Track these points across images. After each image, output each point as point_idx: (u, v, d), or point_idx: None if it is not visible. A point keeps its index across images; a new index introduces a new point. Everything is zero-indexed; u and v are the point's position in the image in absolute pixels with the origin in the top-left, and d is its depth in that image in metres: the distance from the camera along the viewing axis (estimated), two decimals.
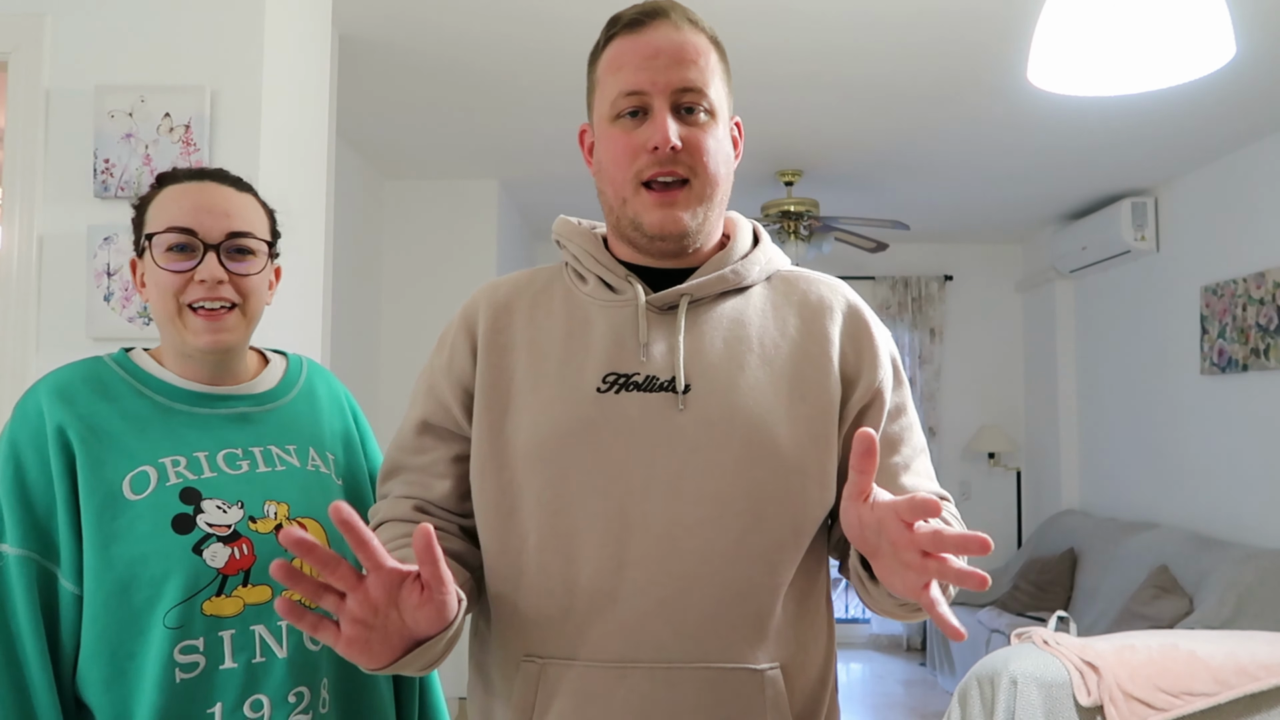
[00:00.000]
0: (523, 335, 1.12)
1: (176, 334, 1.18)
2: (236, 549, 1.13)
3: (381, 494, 1.18)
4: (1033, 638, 2.60)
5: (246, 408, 1.23)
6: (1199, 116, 3.70)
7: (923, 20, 2.86)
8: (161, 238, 1.16)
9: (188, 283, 1.16)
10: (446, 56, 3.18)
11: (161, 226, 1.17)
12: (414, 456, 1.15)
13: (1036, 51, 1.34)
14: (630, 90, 1.06)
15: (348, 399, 1.39)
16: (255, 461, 1.20)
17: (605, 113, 1.09)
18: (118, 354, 1.23)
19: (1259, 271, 3.96)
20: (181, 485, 1.13)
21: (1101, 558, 4.66)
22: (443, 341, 1.18)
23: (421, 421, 1.15)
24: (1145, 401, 4.89)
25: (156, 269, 1.17)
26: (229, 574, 1.12)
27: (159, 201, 1.20)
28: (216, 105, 2.19)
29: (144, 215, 1.21)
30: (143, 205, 1.22)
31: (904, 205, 5.22)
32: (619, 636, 1.01)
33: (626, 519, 1.02)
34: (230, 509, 1.15)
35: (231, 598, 1.12)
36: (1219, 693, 2.38)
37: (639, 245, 1.11)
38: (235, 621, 1.12)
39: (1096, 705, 2.38)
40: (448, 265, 4.80)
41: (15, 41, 2.21)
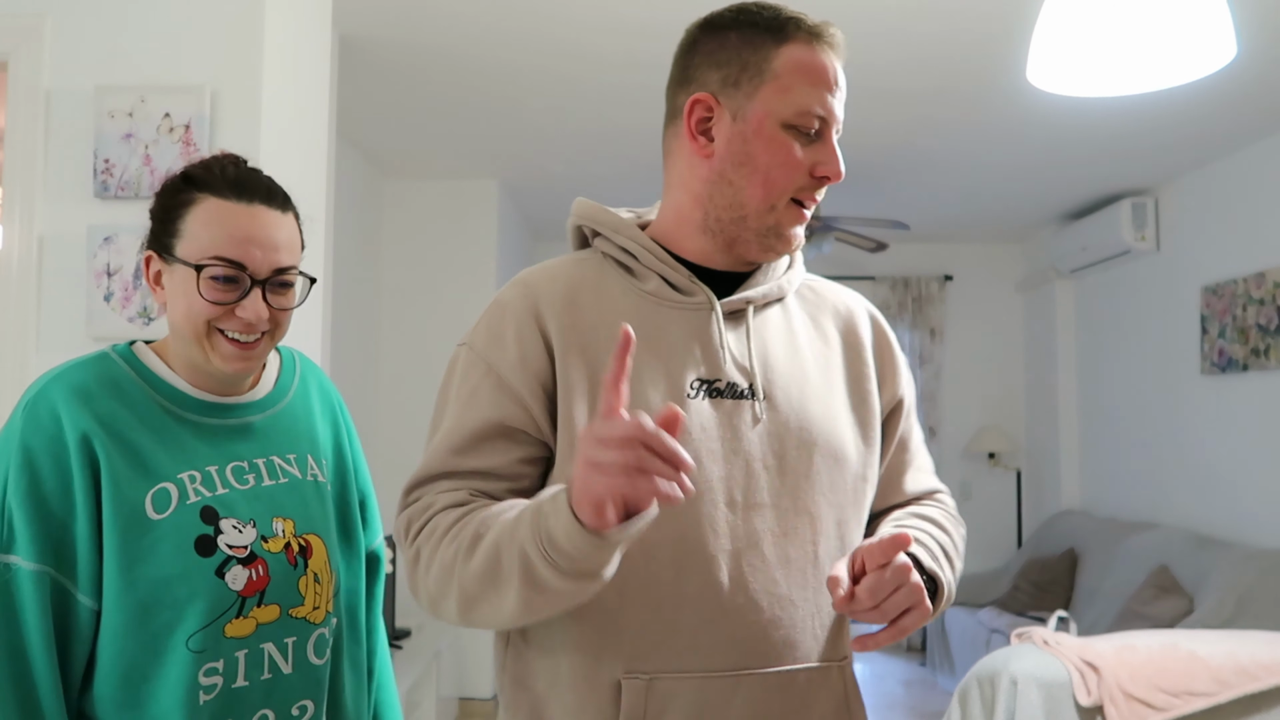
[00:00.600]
0: (600, 331, 1.05)
1: (201, 353, 1.14)
2: (253, 570, 1.13)
3: (411, 500, 1.07)
4: (1033, 638, 2.60)
5: (250, 417, 1.21)
6: (1199, 116, 3.70)
7: (922, 20, 2.86)
8: (210, 268, 1.11)
9: (226, 313, 1.12)
10: (446, 56, 3.18)
11: (208, 254, 1.11)
12: (469, 460, 1.03)
13: (1036, 52, 1.34)
14: (820, 113, 1.05)
15: (336, 396, 1.37)
16: (260, 474, 1.19)
17: (782, 115, 1.04)
18: (123, 349, 1.18)
19: (1259, 271, 3.96)
20: (201, 504, 1.12)
21: (1101, 558, 4.66)
22: (498, 336, 1.06)
23: (495, 423, 1.03)
24: (1145, 401, 4.89)
25: (195, 295, 1.12)
26: (247, 596, 1.12)
27: (201, 216, 1.13)
28: (216, 105, 2.19)
29: (177, 221, 1.14)
30: (175, 206, 1.15)
31: (904, 205, 5.22)
32: (732, 647, 1.01)
33: (735, 529, 1.02)
34: (245, 528, 1.14)
35: (248, 619, 1.12)
36: (1219, 693, 2.38)
37: (742, 250, 1.09)
38: (249, 641, 1.12)
39: (1096, 705, 2.38)
40: (448, 265, 4.80)
41: (15, 41, 2.21)
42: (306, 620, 1.18)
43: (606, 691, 1.00)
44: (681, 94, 1.09)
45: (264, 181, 1.18)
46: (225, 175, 1.15)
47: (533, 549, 0.88)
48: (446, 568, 0.97)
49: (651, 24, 2.90)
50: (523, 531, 0.90)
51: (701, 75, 1.07)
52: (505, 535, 0.92)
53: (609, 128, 3.91)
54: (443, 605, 1.00)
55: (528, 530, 0.89)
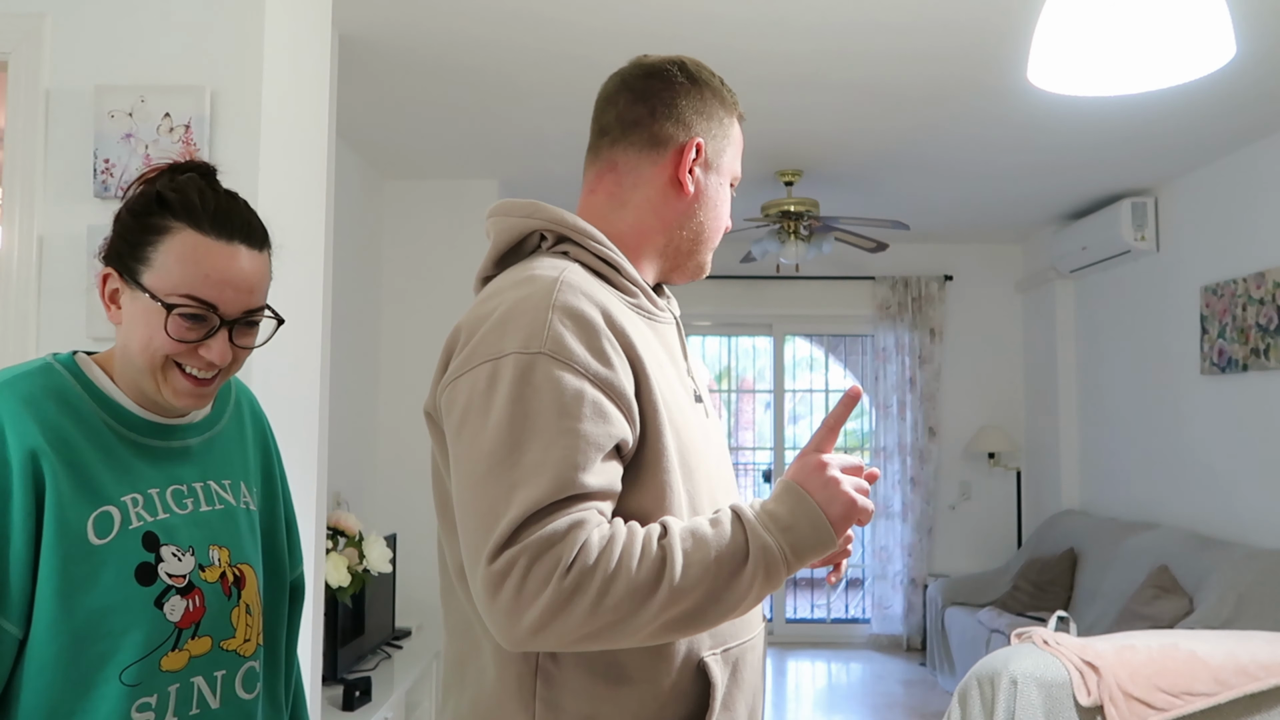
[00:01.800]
0: (638, 342, 1.07)
1: (153, 384, 1.08)
2: (190, 601, 1.08)
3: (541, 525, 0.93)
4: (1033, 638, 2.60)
5: (190, 440, 1.16)
6: (1199, 116, 3.70)
7: (923, 20, 2.86)
8: (181, 308, 1.05)
9: (188, 351, 1.07)
10: (446, 56, 3.18)
11: (179, 291, 1.05)
12: (596, 478, 0.97)
13: (1036, 51, 1.34)
14: (740, 178, 1.29)
15: (266, 421, 1.32)
16: (199, 499, 1.13)
17: (734, 174, 1.25)
18: (66, 359, 1.11)
19: (1259, 271, 3.96)
20: (143, 529, 1.06)
21: (1101, 558, 4.66)
22: (599, 351, 1.01)
23: (617, 440, 1.00)
24: (1145, 401, 4.89)
25: (159, 329, 1.05)
26: (183, 628, 1.07)
27: (176, 249, 1.06)
28: (216, 105, 2.19)
29: (147, 248, 1.06)
30: (148, 230, 1.07)
31: (904, 205, 5.22)
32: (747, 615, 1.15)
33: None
34: (184, 556, 1.09)
35: (182, 651, 1.07)
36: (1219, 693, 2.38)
37: (677, 275, 1.26)
38: (180, 675, 1.07)
39: (1096, 705, 2.38)
40: (448, 265, 4.80)
41: (15, 41, 2.21)
42: (236, 653, 1.13)
43: (693, 670, 1.08)
44: (675, 131, 1.18)
45: (244, 215, 1.12)
46: (206, 206, 1.08)
47: (778, 554, 0.99)
48: (641, 588, 0.94)
49: (651, 25, 2.90)
50: (759, 542, 0.99)
51: (693, 121, 1.19)
52: (728, 551, 0.98)
53: None
54: (621, 628, 0.94)
55: (767, 539, 0.99)
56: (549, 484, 0.94)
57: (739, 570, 0.97)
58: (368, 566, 3.54)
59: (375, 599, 3.83)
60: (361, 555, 3.53)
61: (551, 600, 0.91)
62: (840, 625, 6.50)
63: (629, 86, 1.20)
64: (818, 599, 6.86)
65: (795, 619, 6.58)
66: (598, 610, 0.92)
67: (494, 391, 0.98)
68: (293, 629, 1.32)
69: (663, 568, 0.95)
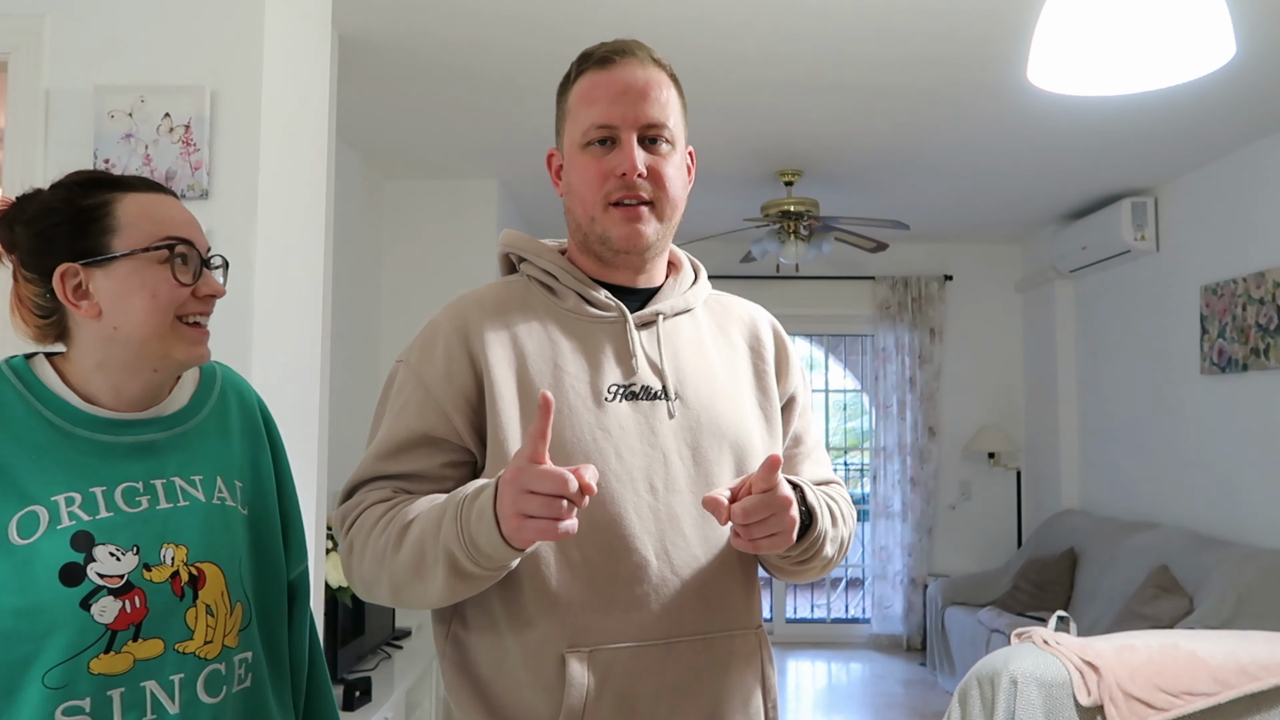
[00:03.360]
0: (526, 346, 1.20)
1: (164, 350, 1.10)
2: (128, 602, 1.05)
3: (353, 504, 1.20)
4: (1033, 637, 2.60)
5: (154, 434, 1.13)
6: (1199, 116, 3.70)
7: (923, 20, 2.86)
8: (178, 247, 1.10)
9: (189, 296, 1.11)
10: (446, 56, 3.18)
11: (160, 237, 1.10)
12: (395, 465, 1.19)
13: (1036, 51, 1.34)
14: (601, 123, 1.19)
15: (263, 411, 1.29)
16: (156, 497, 1.11)
17: (577, 140, 1.21)
18: (17, 361, 1.10)
19: (1259, 271, 3.96)
20: (74, 529, 1.04)
21: (1101, 558, 4.66)
22: (429, 353, 1.22)
23: (420, 433, 1.18)
24: (1145, 401, 4.89)
25: (162, 281, 1.09)
26: (119, 629, 1.03)
27: (134, 208, 1.10)
28: (216, 105, 2.19)
29: (105, 219, 1.09)
30: (95, 209, 1.09)
31: (904, 205, 5.22)
32: (662, 616, 1.15)
33: (658, 513, 1.17)
34: (125, 555, 1.06)
35: (121, 654, 1.04)
36: (1219, 692, 2.38)
37: (605, 259, 1.24)
38: (125, 679, 1.04)
39: (1096, 705, 2.38)
40: (448, 265, 4.79)
41: (15, 41, 2.21)
42: (196, 656, 1.10)
43: (552, 665, 1.13)
44: (556, 143, 1.29)
45: (156, 181, 1.19)
46: (133, 178, 1.14)
47: (458, 549, 1.04)
48: (378, 557, 1.13)
49: (650, 24, 2.90)
50: (446, 530, 1.06)
51: (558, 130, 1.29)
52: (430, 532, 1.08)
53: None
54: (375, 589, 1.16)
55: (451, 530, 1.05)
56: (360, 467, 1.22)
57: (423, 557, 1.08)
58: None
59: None
60: None
61: (343, 558, 1.19)
62: (840, 625, 6.50)
63: None
64: (818, 599, 6.86)
65: (795, 619, 6.58)
66: (361, 570, 1.15)
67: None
68: (296, 629, 1.29)
69: (385, 544, 1.12)
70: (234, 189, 2.18)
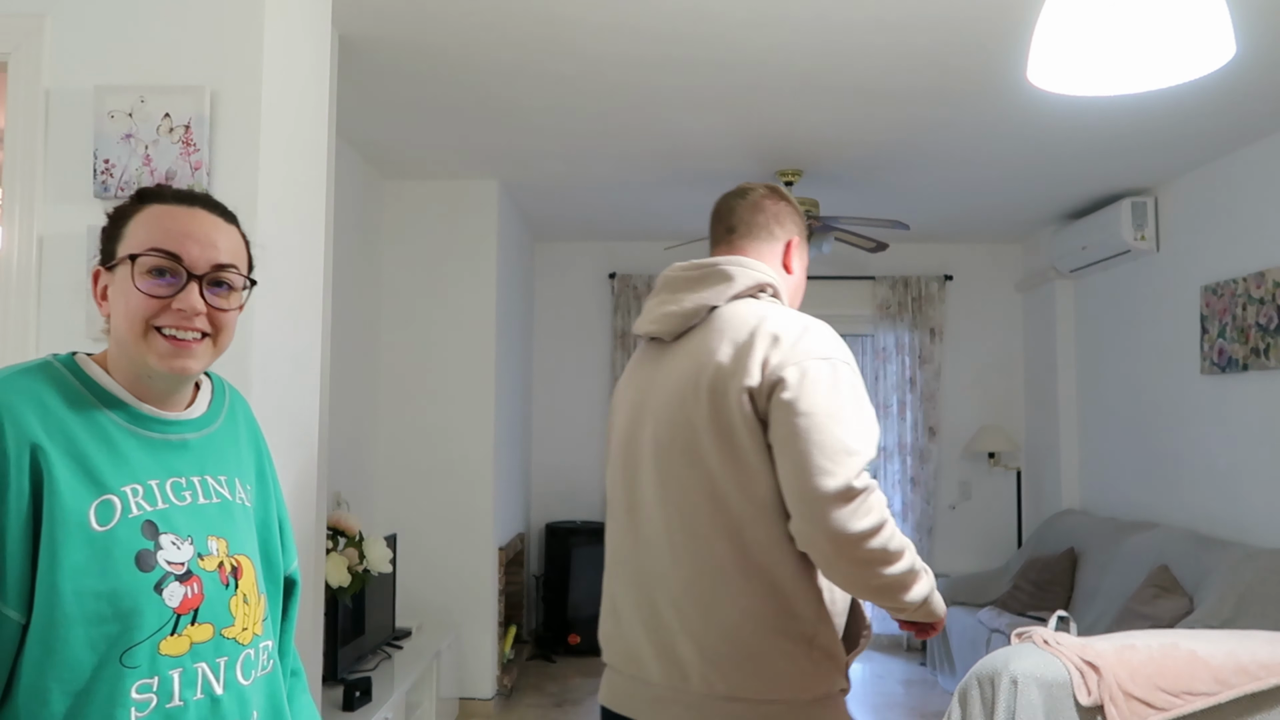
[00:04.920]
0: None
1: (139, 354, 1.14)
2: (189, 588, 1.12)
3: (870, 482, 1.43)
4: (1033, 637, 2.60)
5: (188, 434, 1.20)
6: (1199, 116, 3.70)
7: (922, 20, 2.86)
8: (145, 259, 1.12)
9: (163, 309, 1.13)
10: (446, 56, 3.18)
11: (144, 247, 1.13)
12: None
13: (1036, 51, 1.34)
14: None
15: (257, 426, 1.37)
16: (196, 492, 1.17)
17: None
18: (65, 358, 1.16)
19: (1259, 271, 3.96)
20: (143, 518, 1.10)
21: (1101, 557, 4.66)
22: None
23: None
24: (1145, 401, 4.89)
25: (132, 289, 1.12)
26: (181, 614, 1.10)
27: (142, 219, 1.15)
28: (216, 105, 2.19)
29: (121, 229, 1.16)
30: (120, 218, 1.17)
31: (904, 205, 5.22)
32: None
33: None
34: (183, 545, 1.12)
35: (182, 637, 1.11)
36: (1219, 692, 2.38)
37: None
38: (183, 660, 1.11)
39: (1097, 705, 2.38)
40: (448, 265, 4.79)
41: (15, 41, 2.21)
42: (236, 641, 1.18)
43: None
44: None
45: (209, 196, 1.22)
46: (175, 192, 1.19)
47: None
48: (903, 543, 1.45)
49: (649, 24, 2.90)
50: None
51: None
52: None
53: (609, 127, 3.91)
54: (897, 560, 1.42)
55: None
56: (867, 453, 1.46)
57: (921, 579, 1.55)
58: (368, 567, 3.53)
59: (375, 599, 3.83)
60: (361, 555, 3.53)
61: (874, 517, 1.44)
62: None
63: None
64: None
65: None
66: (893, 539, 1.48)
67: (829, 377, 1.47)
68: (288, 622, 1.38)
69: (908, 546, 1.55)
70: (234, 189, 2.18)
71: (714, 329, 1.55)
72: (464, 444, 4.73)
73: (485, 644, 4.70)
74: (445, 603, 4.70)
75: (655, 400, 1.59)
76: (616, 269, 6.33)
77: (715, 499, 1.47)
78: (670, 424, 1.53)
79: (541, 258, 6.36)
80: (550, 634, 5.86)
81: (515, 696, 5.03)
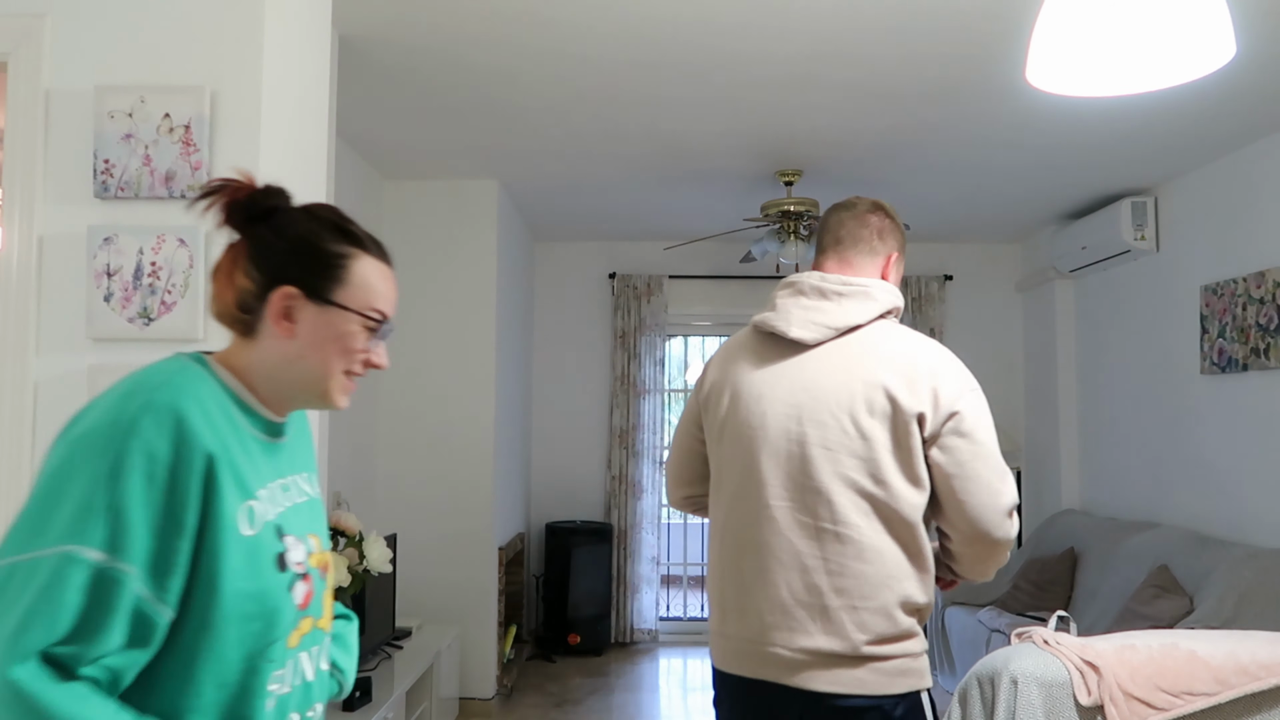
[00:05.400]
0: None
1: (321, 384, 1.20)
2: (307, 585, 1.19)
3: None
4: (1033, 637, 2.60)
5: (283, 436, 1.25)
6: (1199, 116, 3.70)
7: (922, 20, 2.86)
8: (369, 320, 1.20)
9: (363, 356, 1.22)
10: (446, 57, 3.18)
11: (369, 307, 1.20)
12: None
13: (1036, 52, 1.34)
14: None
15: (305, 417, 1.40)
16: (293, 492, 1.23)
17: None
18: (201, 360, 1.18)
19: (1259, 271, 3.96)
20: (274, 521, 1.15)
21: (1101, 557, 4.66)
22: None
23: None
24: (1145, 401, 4.89)
25: (350, 340, 1.19)
26: (301, 609, 1.17)
27: (365, 274, 1.20)
28: (216, 105, 2.19)
29: (339, 272, 1.19)
30: (338, 260, 1.19)
31: (904, 205, 5.22)
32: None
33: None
34: (299, 545, 1.19)
35: (298, 630, 1.19)
36: (1219, 692, 2.38)
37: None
38: (294, 652, 1.19)
39: (1097, 705, 2.38)
40: (448, 266, 4.79)
41: (15, 41, 2.21)
42: (321, 630, 1.26)
43: None
44: None
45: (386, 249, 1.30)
46: (371, 239, 1.24)
47: None
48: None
49: (651, 24, 2.90)
50: None
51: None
52: None
53: (609, 128, 3.91)
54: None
55: None
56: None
57: None
58: (368, 566, 3.53)
59: (375, 599, 3.83)
60: (361, 555, 3.53)
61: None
62: None
63: None
64: None
65: None
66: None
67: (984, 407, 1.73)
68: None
69: None
70: None
71: (870, 346, 1.74)
72: (464, 444, 4.73)
73: (485, 644, 4.70)
74: (445, 603, 4.70)
75: (807, 400, 1.74)
76: (616, 269, 6.33)
77: (878, 501, 1.70)
78: (830, 427, 1.71)
79: (541, 258, 6.35)
80: (550, 634, 5.86)
81: (515, 696, 5.03)
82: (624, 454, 6.23)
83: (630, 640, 6.18)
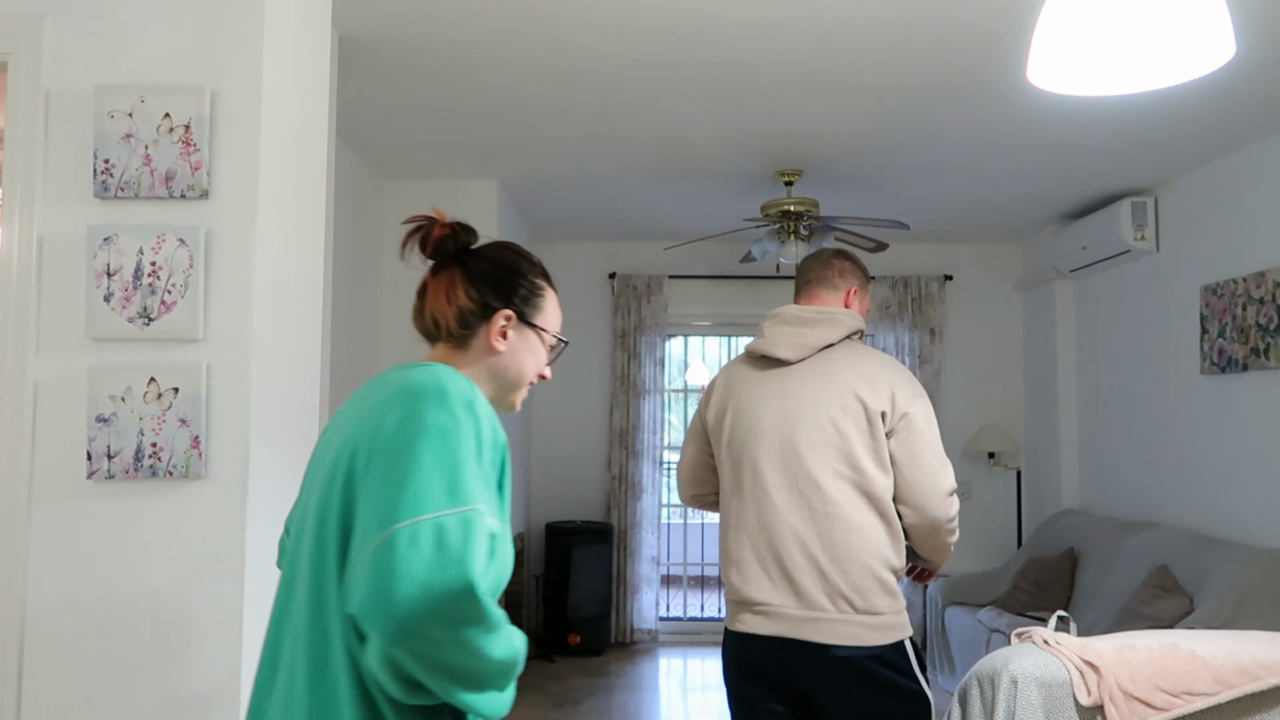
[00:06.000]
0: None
1: (511, 392, 1.48)
2: None
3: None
4: (1033, 637, 2.60)
5: None
6: (1199, 116, 3.70)
7: (922, 20, 2.86)
8: (561, 345, 1.52)
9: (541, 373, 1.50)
10: (446, 56, 3.18)
11: (557, 331, 1.51)
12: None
13: (1036, 51, 1.34)
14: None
15: None
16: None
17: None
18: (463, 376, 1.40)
19: (1259, 271, 3.96)
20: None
21: (1101, 558, 4.66)
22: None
23: None
24: (1145, 401, 4.89)
25: (542, 358, 1.49)
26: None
27: (554, 304, 1.52)
28: (216, 105, 2.19)
29: (540, 301, 1.48)
30: (540, 291, 1.49)
31: (904, 205, 5.22)
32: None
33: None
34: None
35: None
36: (1219, 692, 2.38)
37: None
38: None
39: (1097, 705, 2.38)
40: None
41: (15, 41, 2.21)
42: None
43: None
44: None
45: None
46: (547, 273, 1.54)
47: None
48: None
49: (652, 24, 2.90)
50: None
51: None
52: None
53: (609, 128, 3.91)
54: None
55: None
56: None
57: None
58: None
59: None
60: None
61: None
62: None
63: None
64: None
65: None
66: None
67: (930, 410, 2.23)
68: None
69: None
70: (234, 189, 2.17)
71: (840, 361, 2.19)
72: None
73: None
74: None
75: (793, 406, 2.17)
76: (616, 269, 6.33)
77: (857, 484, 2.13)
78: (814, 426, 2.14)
79: (542, 257, 6.35)
80: (550, 634, 5.86)
81: (515, 696, 5.03)
82: (624, 454, 6.23)
83: (630, 640, 6.18)
